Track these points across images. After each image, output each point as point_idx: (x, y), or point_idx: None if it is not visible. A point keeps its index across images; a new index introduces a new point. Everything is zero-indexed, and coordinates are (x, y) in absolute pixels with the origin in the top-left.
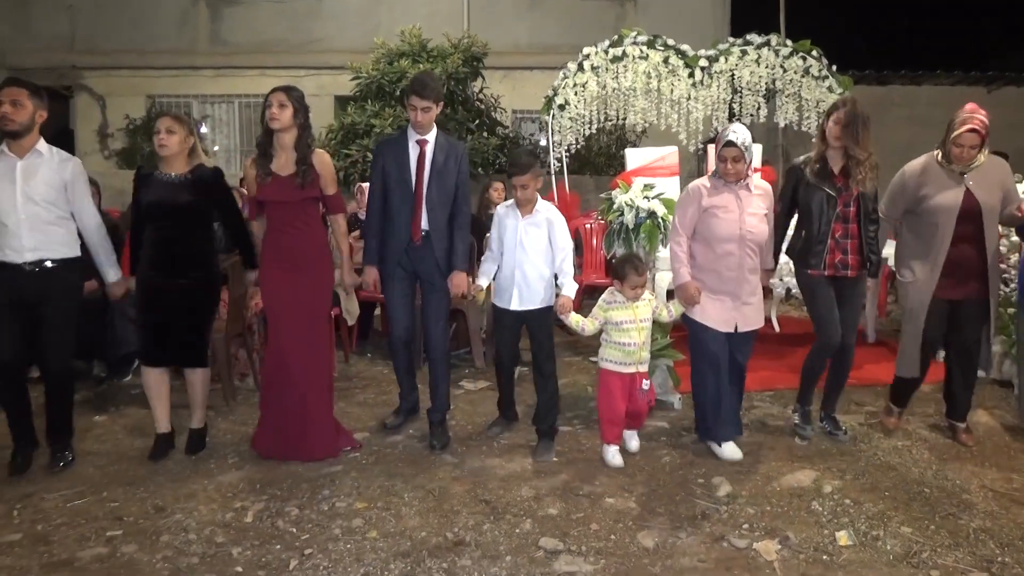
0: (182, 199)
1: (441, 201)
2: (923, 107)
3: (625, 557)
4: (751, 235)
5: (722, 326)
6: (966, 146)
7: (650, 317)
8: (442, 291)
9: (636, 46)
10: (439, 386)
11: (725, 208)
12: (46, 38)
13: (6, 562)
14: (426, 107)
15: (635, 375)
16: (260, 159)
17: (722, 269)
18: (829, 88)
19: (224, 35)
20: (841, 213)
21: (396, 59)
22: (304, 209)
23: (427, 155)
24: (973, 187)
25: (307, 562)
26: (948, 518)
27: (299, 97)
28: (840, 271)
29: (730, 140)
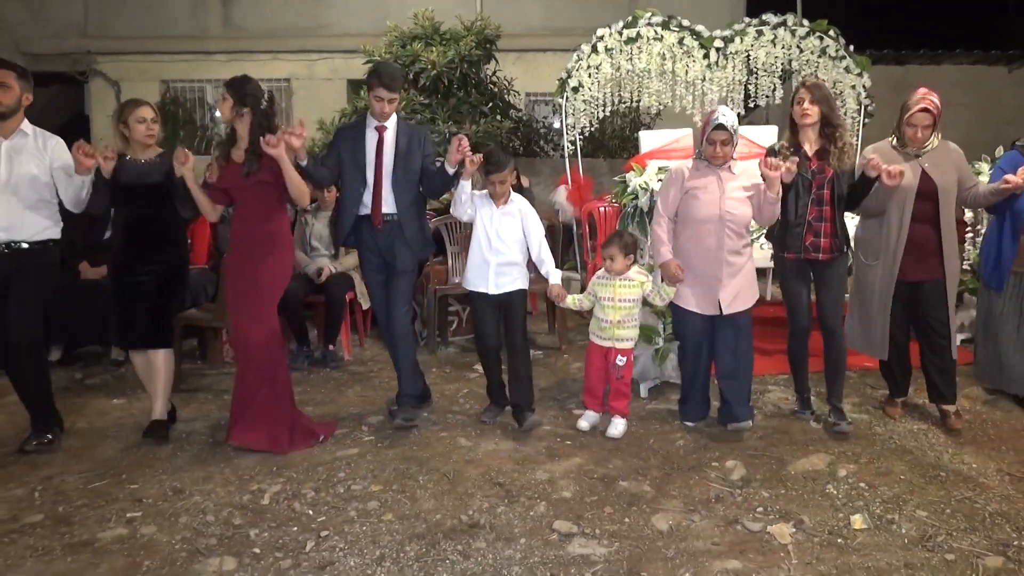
0: (152, 179)
1: (408, 185)
2: (942, 87)
3: (639, 540)
4: (730, 216)
5: (704, 308)
6: (919, 126)
7: (633, 298)
8: (408, 274)
9: (650, 27)
10: (404, 367)
11: (705, 189)
12: (60, 24)
13: (29, 542)
14: (392, 99)
15: (611, 350)
16: (221, 145)
17: (701, 250)
18: (846, 68)
19: (237, 20)
20: (816, 196)
21: (409, 42)
22: (256, 194)
23: (387, 141)
24: (929, 168)
25: (323, 544)
26: (964, 502)
27: (241, 89)
28: (811, 254)
29: (720, 123)
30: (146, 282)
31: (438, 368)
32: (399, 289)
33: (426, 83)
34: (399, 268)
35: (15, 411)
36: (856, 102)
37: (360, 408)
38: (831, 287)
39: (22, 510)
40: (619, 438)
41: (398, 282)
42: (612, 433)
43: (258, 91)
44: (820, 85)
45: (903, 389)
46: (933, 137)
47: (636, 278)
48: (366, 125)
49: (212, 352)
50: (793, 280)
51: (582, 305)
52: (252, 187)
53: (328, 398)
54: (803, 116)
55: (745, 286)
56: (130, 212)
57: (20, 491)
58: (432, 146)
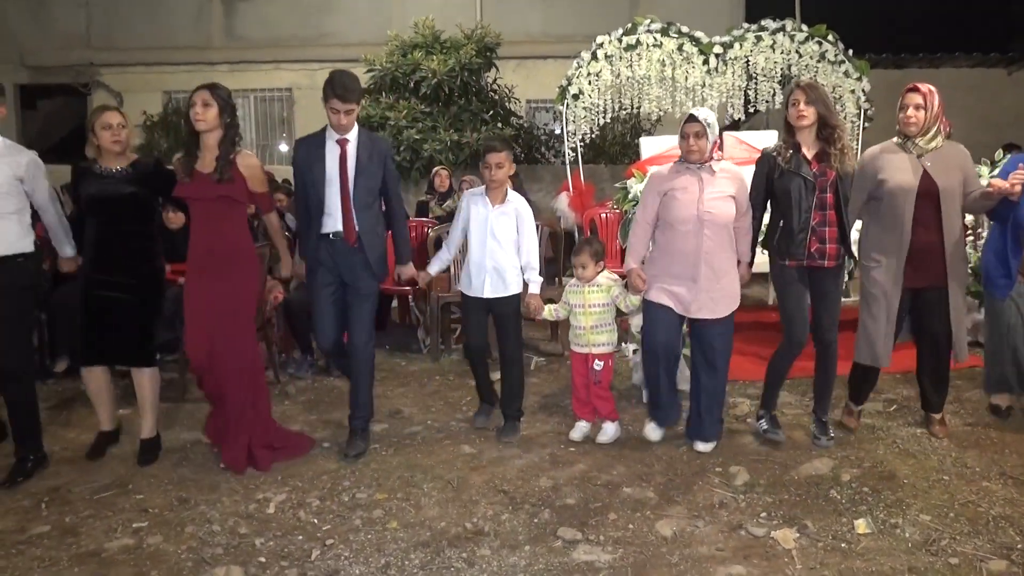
0: (124, 191)
1: (367, 201)
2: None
3: (643, 546)
4: (709, 216)
5: (676, 306)
6: (911, 105)
7: (602, 303)
8: (371, 297)
9: (650, 34)
10: (360, 392)
11: (684, 189)
12: (64, 36)
13: (36, 553)
14: (349, 110)
15: (588, 355)
16: (184, 158)
17: (680, 251)
18: (845, 73)
19: (238, 30)
20: (819, 200)
21: (410, 51)
22: (222, 207)
23: (349, 155)
24: (931, 169)
25: (329, 552)
26: (967, 506)
27: (224, 95)
28: (817, 261)
29: (692, 114)
30: (123, 300)
31: (441, 376)
32: (362, 316)
33: (427, 91)
34: (362, 292)
35: None
36: (855, 106)
37: None
38: (829, 298)
39: (29, 521)
40: (610, 443)
41: (361, 308)
42: (601, 439)
43: (233, 102)
44: (815, 85)
45: (864, 399)
46: (938, 137)
47: (604, 283)
48: (325, 138)
49: None
50: (793, 290)
51: (558, 315)
52: (218, 199)
53: (332, 407)
54: (799, 118)
55: (725, 293)
56: (100, 225)
57: (27, 502)
58: (394, 163)
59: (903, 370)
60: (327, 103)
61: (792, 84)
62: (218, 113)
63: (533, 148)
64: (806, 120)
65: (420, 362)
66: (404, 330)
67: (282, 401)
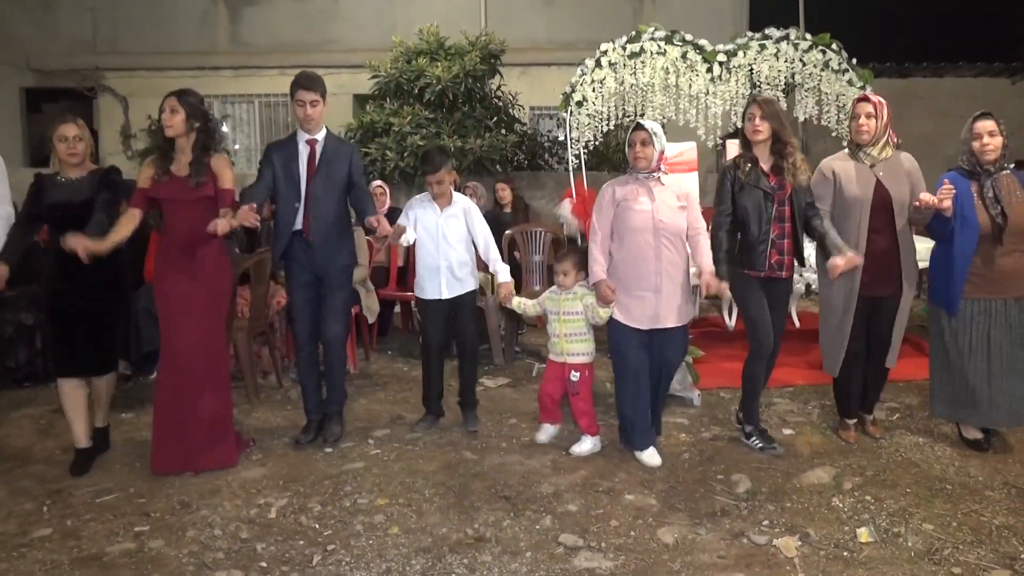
0: (83, 198)
1: (329, 201)
2: (945, 99)
3: (645, 553)
4: (663, 225)
5: (643, 323)
6: (862, 115)
7: (577, 311)
8: (342, 290)
9: (654, 42)
10: (334, 378)
11: (637, 200)
12: (69, 40)
13: (38, 556)
14: (314, 100)
15: (564, 365)
16: (159, 160)
17: (639, 262)
18: (849, 81)
19: (244, 35)
20: (777, 213)
21: (414, 57)
22: (197, 209)
23: (317, 155)
24: (883, 178)
25: (330, 558)
26: (970, 515)
27: (193, 101)
28: (775, 272)
29: (639, 123)
30: (84, 307)
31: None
32: (334, 306)
33: (431, 98)
34: (334, 283)
35: (24, 425)
36: None
37: (366, 421)
38: (780, 308)
39: (31, 524)
40: (612, 450)
41: (333, 298)
42: (576, 451)
43: (205, 106)
44: (771, 101)
45: (855, 410)
46: (888, 147)
47: (578, 291)
48: (296, 141)
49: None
50: (755, 296)
51: (526, 310)
52: (194, 202)
53: None
54: (754, 132)
55: (683, 301)
56: (61, 233)
57: (29, 505)
58: (360, 162)
59: (906, 379)
60: (294, 98)
61: (749, 98)
62: (185, 119)
63: (537, 155)
64: (760, 135)
65: None
66: (406, 336)
67: (284, 406)
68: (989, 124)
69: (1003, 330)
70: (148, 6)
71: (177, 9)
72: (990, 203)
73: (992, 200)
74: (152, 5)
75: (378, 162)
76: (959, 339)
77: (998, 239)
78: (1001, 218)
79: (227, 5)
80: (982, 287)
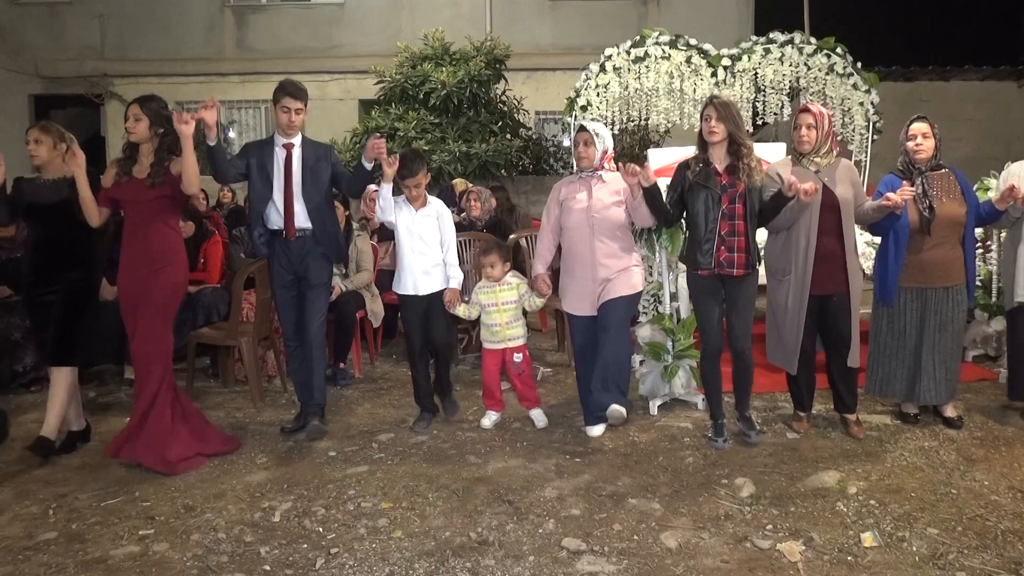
0: (58, 198)
1: (316, 201)
2: (952, 103)
3: (648, 557)
4: (596, 220)
5: (584, 310)
6: (803, 126)
7: (513, 300)
8: (322, 287)
9: (658, 46)
10: (314, 377)
11: (575, 198)
12: (78, 47)
13: (43, 559)
14: (299, 108)
15: (505, 350)
16: (123, 161)
17: (578, 255)
18: (854, 85)
19: (250, 42)
20: (727, 211)
21: (419, 63)
22: (155, 209)
23: (295, 157)
24: (828, 182)
25: (333, 561)
26: (975, 519)
27: (156, 108)
28: (726, 269)
29: (582, 125)
30: (53, 301)
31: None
32: (314, 301)
33: (436, 103)
34: (313, 281)
35: (31, 429)
36: (864, 119)
37: (370, 425)
38: (741, 307)
39: (36, 527)
40: (614, 453)
41: (313, 294)
42: (540, 424)
43: (168, 112)
44: (728, 103)
45: (808, 404)
46: (830, 154)
47: (513, 281)
48: (274, 143)
49: (225, 371)
50: (705, 298)
51: (470, 314)
52: (151, 201)
53: (338, 415)
54: (710, 134)
55: (625, 280)
56: (37, 231)
57: (34, 508)
58: (339, 157)
59: None
60: (278, 104)
61: (707, 99)
62: (148, 125)
63: (542, 159)
64: (716, 136)
65: None
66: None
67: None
68: (924, 127)
69: (933, 315)
70: (156, 13)
71: (184, 16)
72: (919, 198)
73: (921, 196)
74: (159, 12)
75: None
76: (895, 324)
77: (927, 231)
78: (928, 211)
79: (234, 12)
80: (915, 276)
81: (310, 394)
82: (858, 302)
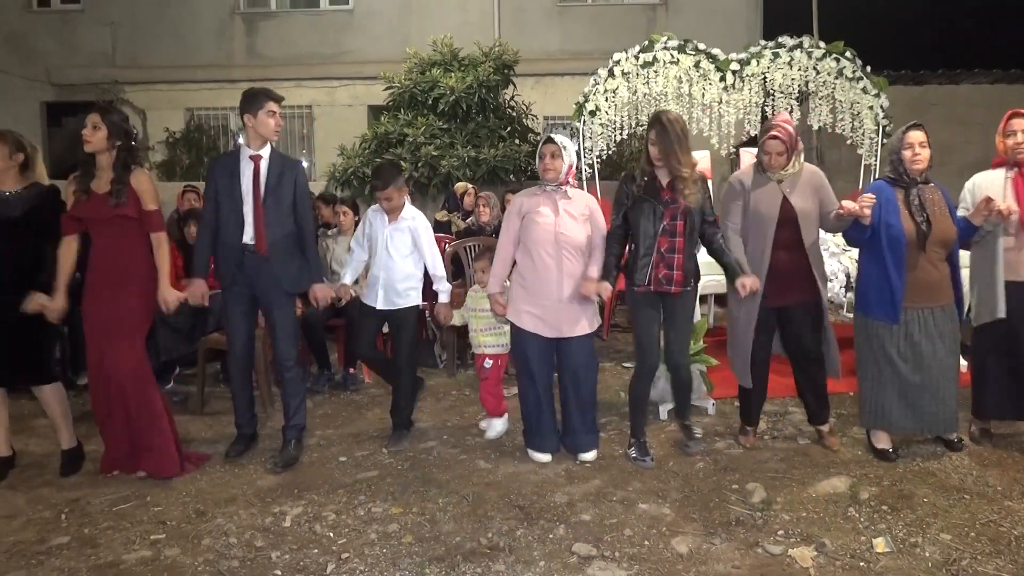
0: (13, 214)
1: (278, 218)
2: (961, 107)
3: (659, 563)
4: (564, 237)
5: (544, 331)
6: (772, 153)
7: (486, 308)
8: (282, 308)
9: (667, 51)
10: (291, 402)
11: (540, 213)
12: (89, 54)
13: (56, 564)
14: (279, 112)
15: (481, 356)
16: (80, 177)
17: (542, 272)
18: (863, 89)
19: (260, 48)
20: (668, 227)
21: (428, 68)
22: (118, 226)
23: (262, 170)
24: (790, 194)
25: (344, 566)
26: (989, 525)
27: (116, 120)
28: (664, 286)
29: (549, 137)
30: (10, 318)
31: (458, 391)
32: (284, 328)
33: (445, 108)
34: (274, 306)
35: (45, 435)
36: (874, 123)
37: (380, 430)
38: (678, 323)
39: (49, 532)
40: (623, 460)
41: (274, 318)
42: (490, 435)
43: (128, 125)
44: (671, 123)
45: (756, 418)
46: (794, 161)
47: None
48: (240, 156)
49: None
50: (643, 314)
51: (468, 322)
52: (115, 220)
53: (348, 421)
54: (656, 160)
55: (587, 310)
56: None
57: (47, 513)
58: (305, 181)
59: None
60: (264, 107)
61: (653, 117)
62: (107, 136)
63: None
64: (660, 160)
65: (436, 377)
66: (421, 345)
67: None
68: (920, 135)
69: (929, 338)
70: (166, 20)
71: (195, 23)
72: (916, 210)
73: (918, 208)
74: (170, 19)
75: None
76: (887, 348)
77: (922, 247)
78: (926, 225)
79: (244, 18)
80: (908, 296)
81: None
82: (826, 311)
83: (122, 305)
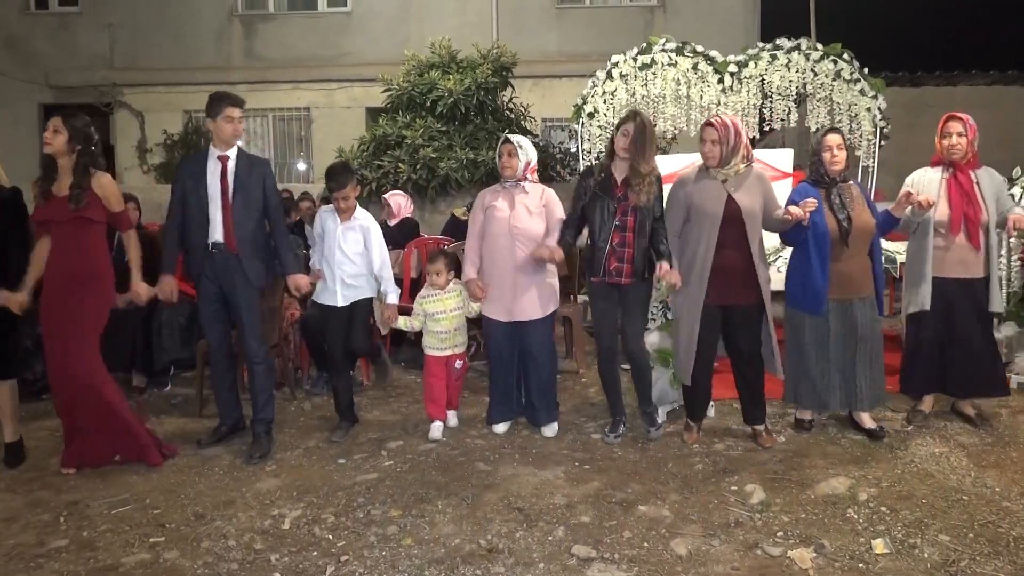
0: None
1: (247, 215)
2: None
3: (658, 565)
4: (517, 229)
5: (500, 315)
6: (707, 141)
7: (459, 307)
8: (250, 305)
9: (665, 53)
10: (260, 396)
11: (498, 208)
12: (87, 57)
13: (55, 567)
14: (241, 117)
15: (451, 356)
16: (42, 181)
17: (498, 262)
18: (861, 91)
19: (258, 50)
20: (620, 223)
21: (426, 71)
22: (78, 229)
23: (229, 170)
24: (734, 193)
25: (343, 568)
26: (987, 526)
27: (78, 125)
28: (615, 278)
29: (506, 137)
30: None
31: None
32: (250, 323)
33: (443, 110)
34: (242, 303)
35: (41, 436)
36: (871, 124)
37: (379, 433)
38: (632, 313)
39: (48, 535)
40: (623, 461)
41: (242, 314)
42: (451, 423)
43: (90, 130)
44: (647, 124)
45: (701, 414)
46: (739, 162)
47: (455, 288)
48: (208, 157)
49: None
50: (599, 303)
51: (412, 326)
52: (74, 222)
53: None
54: (622, 151)
55: (541, 296)
56: None
57: (46, 516)
58: (273, 179)
59: None
60: (222, 113)
61: (629, 113)
62: (67, 140)
63: (548, 166)
64: (627, 152)
65: None
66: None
67: (298, 418)
68: (837, 139)
69: (848, 326)
70: (164, 22)
71: (193, 25)
72: (837, 209)
73: (839, 206)
74: (168, 21)
75: (391, 174)
76: (808, 335)
77: (844, 242)
78: (847, 222)
79: (242, 21)
80: (834, 288)
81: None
82: (770, 312)
83: (78, 305)
